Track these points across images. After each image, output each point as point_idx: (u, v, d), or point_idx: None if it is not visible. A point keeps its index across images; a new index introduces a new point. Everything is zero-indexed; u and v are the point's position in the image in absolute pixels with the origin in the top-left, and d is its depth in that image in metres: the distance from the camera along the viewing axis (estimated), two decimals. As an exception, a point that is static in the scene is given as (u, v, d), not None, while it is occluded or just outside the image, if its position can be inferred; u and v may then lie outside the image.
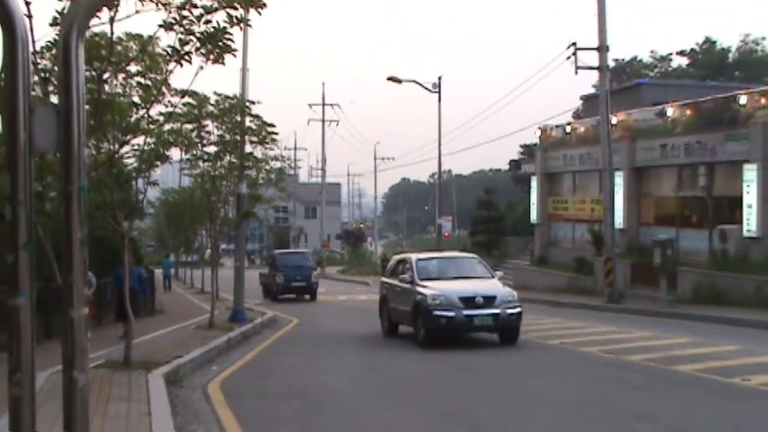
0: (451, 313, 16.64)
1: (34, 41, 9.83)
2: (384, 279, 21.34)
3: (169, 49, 11.57)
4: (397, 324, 19.61)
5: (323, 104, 70.19)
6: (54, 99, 10.56)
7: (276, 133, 21.58)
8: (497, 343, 17.41)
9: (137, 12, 10.33)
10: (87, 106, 3.24)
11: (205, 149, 19.99)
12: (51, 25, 10.28)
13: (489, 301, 16.85)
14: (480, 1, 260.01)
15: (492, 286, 17.86)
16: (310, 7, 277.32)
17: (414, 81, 42.62)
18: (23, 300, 2.76)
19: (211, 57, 11.45)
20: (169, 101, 13.78)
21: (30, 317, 2.80)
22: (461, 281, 18.15)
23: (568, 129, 39.50)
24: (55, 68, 10.63)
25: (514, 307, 16.98)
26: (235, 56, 11.88)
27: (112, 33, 10.90)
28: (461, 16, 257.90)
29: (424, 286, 17.59)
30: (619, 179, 32.01)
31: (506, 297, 17.20)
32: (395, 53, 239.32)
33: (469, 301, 16.79)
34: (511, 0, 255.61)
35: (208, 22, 11.10)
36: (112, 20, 10.43)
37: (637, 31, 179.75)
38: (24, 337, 2.77)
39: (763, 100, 27.40)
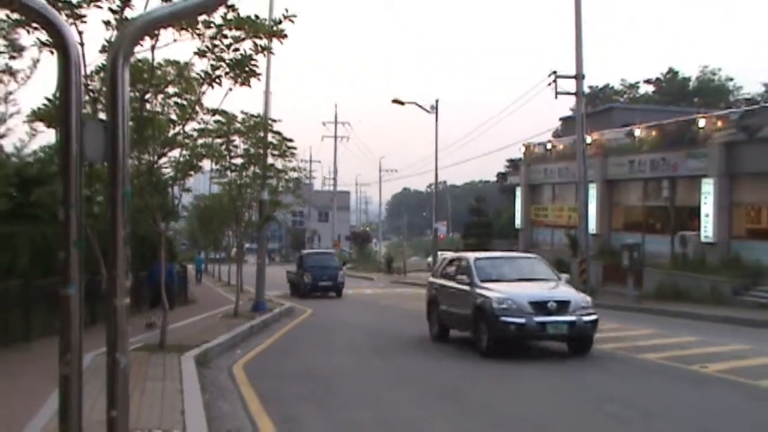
0: (521, 320, 13.25)
1: (85, 65, 9.84)
2: (433, 279, 17.62)
3: (202, 73, 11.59)
4: (448, 328, 16.29)
5: (335, 122, 70.29)
6: (102, 116, 10.58)
7: (294, 148, 21.59)
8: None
9: (175, 41, 10.35)
10: (131, 122, 3.24)
11: (233, 161, 19.98)
12: (100, 51, 10.29)
13: (563, 306, 13.52)
14: (472, 33, 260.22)
15: (564, 289, 14.59)
16: (325, 36, 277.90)
17: (415, 103, 42.53)
18: (73, 291, 2.75)
19: (239, 80, 11.46)
20: (201, 119, 13.81)
21: (79, 306, 2.79)
22: (526, 284, 14.75)
23: (549, 146, 39.44)
24: (104, 89, 10.65)
25: (590, 314, 13.61)
26: (259, 80, 11.90)
27: (153, 59, 10.93)
28: (457, 46, 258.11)
29: (486, 288, 14.19)
30: (593, 190, 31.97)
31: (581, 302, 13.82)
32: (399, 77, 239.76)
33: (540, 307, 13.44)
34: (500, 32, 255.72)
35: (236, 50, 11.12)
36: (153, 48, 10.44)
37: (609, 61, 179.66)
38: (73, 323, 2.76)
39: (719, 123, 27.36)
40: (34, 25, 8.55)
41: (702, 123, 27.83)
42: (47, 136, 24.89)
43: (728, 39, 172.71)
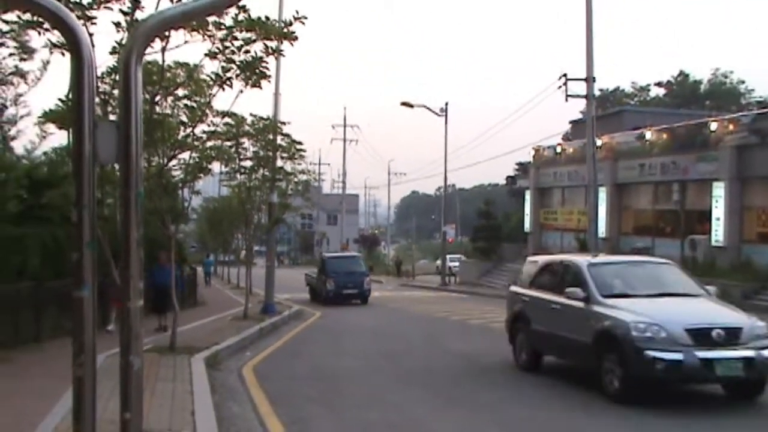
0: (677, 355, 9.17)
1: (96, 66, 9.87)
2: (519, 290, 13.35)
3: (212, 75, 11.60)
4: (541, 355, 12.44)
5: (344, 126, 70.34)
6: (112, 118, 10.60)
7: (303, 150, 21.58)
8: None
9: (186, 42, 10.36)
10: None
11: (242, 163, 20.00)
12: (111, 53, 10.31)
13: (733, 335, 9.43)
14: (483, 37, 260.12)
15: (725, 310, 10.42)
16: (334, 37, 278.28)
17: (424, 106, 42.55)
18: (86, 292, 2.74)
19: (250, 82, 11.46)
20: (211, 121, 13.79)
21: (91, 307, 2.78)
22: (667, 300, 10.59)
23: (558, 149, 39.36)
24: (114, 91, 10.67)
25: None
26: (269, 82, 11.88)
27: (163, 61, 10.93)
28: (467, 50, 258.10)
29: (613, 307, 10.16)
30: (603, 194, 31.87)
31: (756, 329, 9.64)
32: (409, 80, 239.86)
33: (702, 336, 9.33)
34: (510, 35, 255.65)
35: (247, 51, 11.11)
36: (163, 50, 10.44)
37: (620, 64, 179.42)
38: (86, 325, 2.75)
39: (731, 126, 27.24)
40: (46, 26, 8.57)
41: (713, 126, 27.72)
42: (58, 138, 24.99)
43: (740, 41, 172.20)
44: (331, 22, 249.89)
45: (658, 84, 65.18)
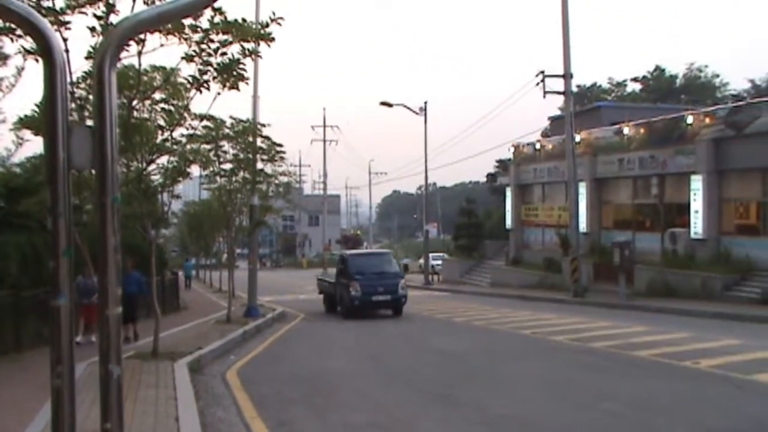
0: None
1: (71, 72, 9.76)
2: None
3: (189, 78, 11.53)
4: None
5: (324, 126, 70.22)
6: (89, 123, 10.49)
7: (283, 152, 21.55)
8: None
9: (162, 45, 10.29)
10: (118, 129, 3.19)
11: (222, 166, 19.92)
12: (86, 58, 10.21)
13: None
14: (460, 34, 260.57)
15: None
16: (312, 38, 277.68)
17: (403, 105, 42.57)
18: (63, 301, 2.69)
19: (227, 84, 11.40)
20: (190, 124, 13.73)
21: (69, 316, 2.73)
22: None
23: (538, 146, 39.49)
24: (90, 96, 10.57)
25: None
26: (247, 84, 11.83)
27: (140, 65, 10.85)
28: (445, 47, 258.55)
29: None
30: (583, 189, 32.02)
31: None
32: (388, 79, 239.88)
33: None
34: (488, 32, 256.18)
35: (224, 54, 11.06)
36: (140, 54, 10.37)
37: (596, 60, 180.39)
38: (64, 334, 2.71)
39: (707, 120, 27.45)
40: (18, 33, 8.47)
41: (690, 120, 27.92)
42: (34, 145, 24.71)
43: (714, 36, 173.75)
44: (308, 23, 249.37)
45: (635, 79, 65.60)
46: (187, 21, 10.24)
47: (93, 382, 3.10)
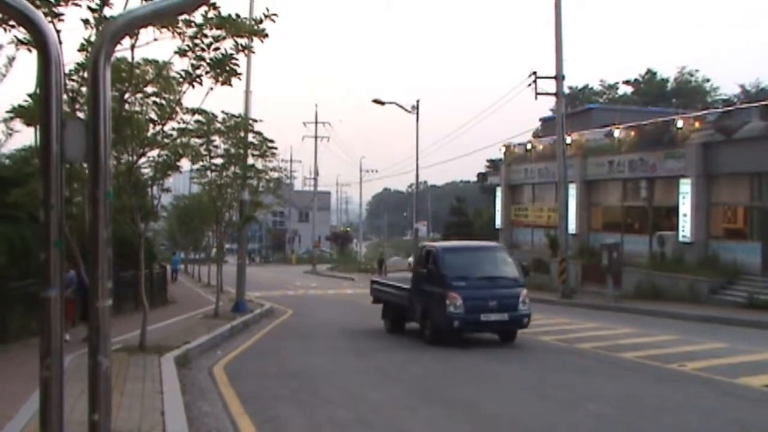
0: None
1: (63, 64, 9.74)
2: None
3: (182, 73, 11.52)
4: None
5: (316, 123, 70.06)
6: (80, 115, 10.47)
7: (275, 148, 21.52)
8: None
9: (155, 40, 10.27)
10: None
11: (213, 161, 19.90)
12: (79, 50, 10.20)
13: None
14: (453, 33, 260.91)
15: None
16: (306, 34, 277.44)
17: (395, 103, 42.55)
18: (54, 293, 2.71)
19: (220, 80, 11.40)
20: (181, 118, 13.70)
21: (59, 308, 2.75)
22: None
23: (529, 147, 39.60)
24: (82, 88, 10.55)
25: None
26: (240, 79, 11.83)
27: (132, 58, 10.83)
28: (438, 46, 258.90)
29: None
30: (573, 191, 32.13)
31: None
32: (380, 76, 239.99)
33: None
34: (481, 32, 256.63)
35: (217, 49, 11.07)
36: (132, 47, 10.35)
37: (589, 62, 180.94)
38: (54, 326, 2.73)
39: (697, 124, 27.62)
40: (12, 23, 8.45)
41: (680, 124, 28.08)
42: (24, 136, 24.61)
43: (705, 40, 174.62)
44: (302, 19, 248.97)
45: (626, 82, 65.84)
46: (181, 16, 10.22)
47: (78, 374, 3.12)
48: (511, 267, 16.59)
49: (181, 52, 10.95)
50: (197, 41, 10.90)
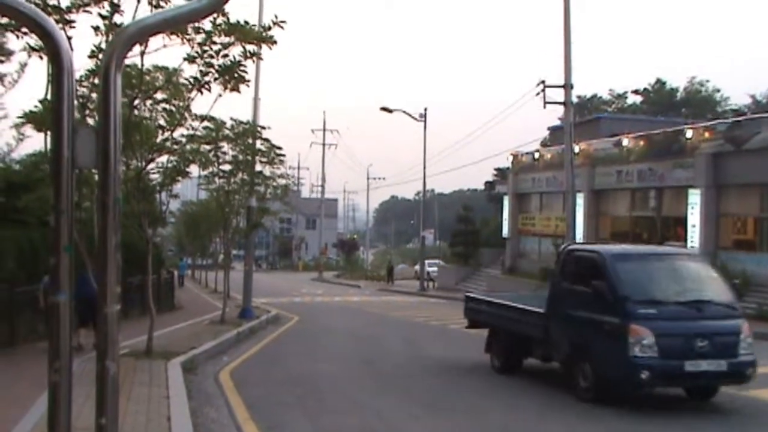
0: None
1: (74, 72, 9.82)
2: None
3: (191, 79, 11.60)
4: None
5: (324, 130, 70.21)
6: (90, 121, 10.55)
7: (283, 155, 21.60)
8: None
9: (165, 46, 10.36)
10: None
11: (221, 167, 19.98)
12: (89, 57, 10.29)
13: None
14: (462, 42, 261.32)
15: None
16: (314, 42, 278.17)
17: (403, 111, 42.72)
18: (63, 297, 2.74)
19: (228, 86, 11.47)
20: (190, 125, 13.79)
21: (69, 313, 2.78)
22: None
23: (537, 155, 39.59)
24: (92, 95, 10.63)
25: None
26: (248, 86, 11.91)
27: (142, 65, 10.91)
28: (447, 55, 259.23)
29: None
30: (580, 200, 32.10)
31: None
32: (389, 84, 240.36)
33: None
34: (490, 40, 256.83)
35: (225, 56, 11.14)
36: (142, 54, 10.44)
37: (597, 71, 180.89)
38: (63, 330, 2.76)
39: (707, 134, 27.55)
40: (24, 30, 8.53)
41: (689, 134, 28.02)
42: (35, 140, 24.77)
43: (716, 50, 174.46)
44: (311, 26, 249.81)
45: (635, 91, 65.72)
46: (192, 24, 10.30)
47: (85, 379, 3.15)
48: (720, 285, 11.07)
49: (190, 59, 11.04)
50: (206, 48, 10.98)
